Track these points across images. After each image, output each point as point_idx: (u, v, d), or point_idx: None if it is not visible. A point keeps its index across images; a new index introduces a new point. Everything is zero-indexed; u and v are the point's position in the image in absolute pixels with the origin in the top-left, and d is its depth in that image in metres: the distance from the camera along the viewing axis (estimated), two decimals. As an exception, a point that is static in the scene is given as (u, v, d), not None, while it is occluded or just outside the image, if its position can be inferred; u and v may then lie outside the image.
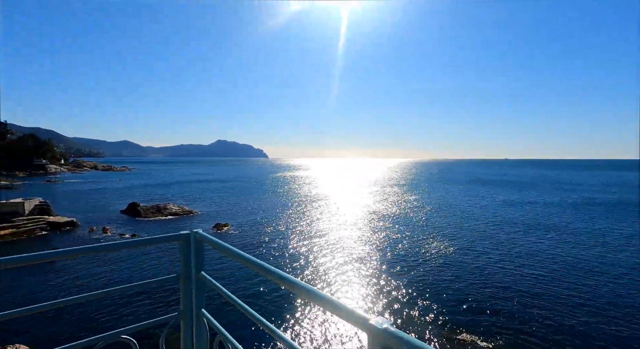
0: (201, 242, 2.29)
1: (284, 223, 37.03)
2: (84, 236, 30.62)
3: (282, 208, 48.37)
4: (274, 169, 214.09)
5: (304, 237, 30.23)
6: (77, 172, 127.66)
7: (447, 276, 20.66)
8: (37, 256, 1.77)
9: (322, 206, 50.16)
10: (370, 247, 27.14)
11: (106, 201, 53.68)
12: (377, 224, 36.74)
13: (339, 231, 32.87)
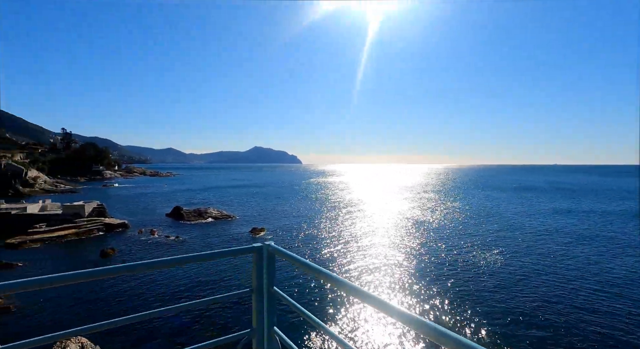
0: (273, 255, 2.21)
1: (318, 228, 37.27)
2: (133, 237, 33.10)
3: (316, 213, 48.74)
4: (308, 175, 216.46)
5: (338, 243, 30.18)
6: (129, 177, 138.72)
7: (490, 286, 19.47)
8: (109, 270, 1.72)
9: (356, 212, 49.77)
10: (408, 254, 26.40)
11: (153, 205, 57.71)
12: (413, 230, 35.67)
13: (374, 237, 32.38)
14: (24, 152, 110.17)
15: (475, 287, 19.54)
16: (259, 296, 2.24)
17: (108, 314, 16.17)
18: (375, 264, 24.20)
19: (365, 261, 24.86)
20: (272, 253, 2.20)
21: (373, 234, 34.35)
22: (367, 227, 37.81)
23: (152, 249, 28.46)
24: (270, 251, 2.20)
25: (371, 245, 29.68)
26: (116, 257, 26.06)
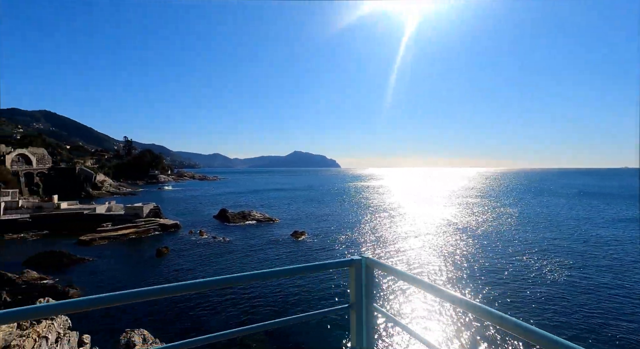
0: (372, 268, 2.10)
1: (358, 232, 36.86)
2: (184, 237, 35.40)
3: (355, 217, 48.31)
4: (346, 178, 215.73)
5: (381, 248, 29.57)
6: (180, 181, 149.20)
7: (552, 300, 17.71)
8: (208, 282, 1.69)
9: (397, 216, 48.43)
10: (455, 262, 25.01)
11: (202, 207, 61.37)
12: (461, 235, 33.73)
13: (418, 243, 31.19)
14: (93, 158, 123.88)
15: (537, 301, 17.90)
16: (358, 313, 2.10)
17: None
18: (423, 271, 23.27)
19: (404, 266, 24.02)
20: (371, 266, 2.10)
21: (416, 239, 33.11)
22: (410, 232, 36.54)
23: (201, 249, 30.19)
24: (368, 264, 2.10)
25: (415, 250, 28.62)
26: (170, 256, 28.05)
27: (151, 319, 16.04)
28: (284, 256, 27.79)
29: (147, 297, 1.58)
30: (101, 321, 15.43)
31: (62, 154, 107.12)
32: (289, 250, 29.68)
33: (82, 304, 1.38)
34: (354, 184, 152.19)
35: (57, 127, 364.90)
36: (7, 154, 70.98)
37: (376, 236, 35.66)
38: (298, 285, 20.49)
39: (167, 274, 23.12)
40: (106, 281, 21.72)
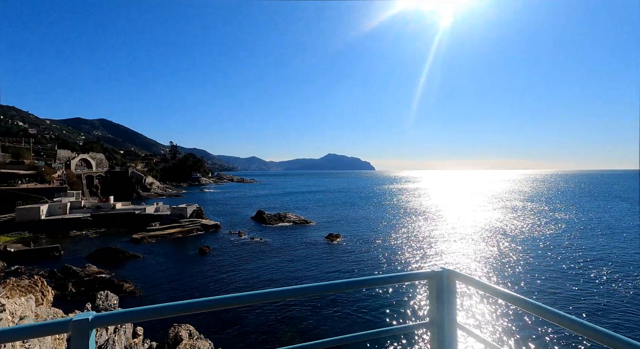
0: (454, 281, 1.94)
1: (395, 236, 35.98)
2: (224, 237, 36.92)
3: (392, 220, 47.22)
4: (381, 181, 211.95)
5: (418, 252, 28.59)
6: (220, 183, 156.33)
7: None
8: (269, 293, 1.57)
9: (438, 220, 46.53)
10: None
11: (240, 208, 63.72)
12: (505, 243, 31.59)
13: (458, 249, 29.71)
14: (143, 162, 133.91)
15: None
16: (440, 331, 1.93)
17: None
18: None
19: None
20: (452, 279, 1.93)
21: (456, 246, 31.56)
22: (448, 239, 34.93)
23: (240, 249, 31.30)
24: (449, 276, 1.93)
25: (453, 257, 27.29)
26: (211, 254, 29.40)
27: (196, 315, 16.86)
28: (320, 258, 27.90)
29: (221, 306, 1.55)
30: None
31: (116, 158, 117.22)
32: (324, 253, 29.75)
33: (165, 311, 1.44)
34: (389, 186, 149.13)
35: (113, 134, 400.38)
36: (72, 159, 79.17)
37: (416, 241, 34.57)
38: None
39: (209, 273, 24.24)
40: (156, 276, 23.29)
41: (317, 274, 23.59)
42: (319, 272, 24.02)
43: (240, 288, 20.82)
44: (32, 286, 8.50)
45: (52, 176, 59.68)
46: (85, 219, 40.67)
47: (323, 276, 22.99)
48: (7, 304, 5.49)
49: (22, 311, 5.86)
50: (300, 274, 23.64)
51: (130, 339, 9.14)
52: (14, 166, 59.07)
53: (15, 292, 7.55)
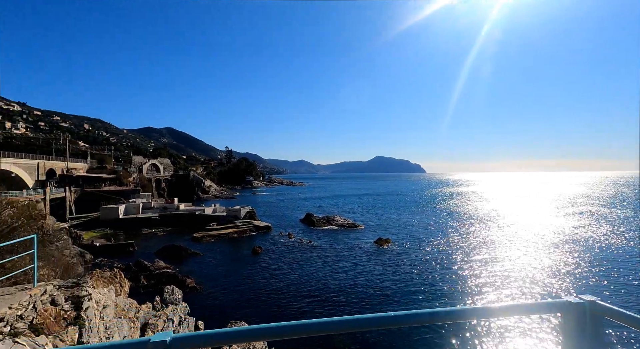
0: (600, 316, 1.38)
1: (449, 242, 33.88)
2: (275, 238, 38.13)
3: (447, 225, 44.60)
4: (432, 184, 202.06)
5: (475, 261, 26.49)
6: (270, 186, 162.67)
7: None
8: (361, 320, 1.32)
9: (496, 227, 42.77)
10: (566, 283, 20.68)
11: (289, 210, 65.48)
12: (576, 254, 27.79)
13: (519, 257, 26.89)
14: (202, 166, 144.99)
15: None
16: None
17: None
18: (514, 287, 19.95)
19: (500, 284, 20.82)
20: (599, 314, 1.37)
21: (517, 254, 28.61)
22: (508, 246, 31.82)
23: (290, 250, 32.05)
24: (595, 310, 1.37)
25: (513, 266, 24.73)
26: (263, 254, 30.53)
27: (255, 313, 17.60)
28: (369, 263, 27.33)
29: (305, 333, 1.34)
30: (214, 310, 17.67)
31: (180, 163, 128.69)
32: (374, 257, 29.11)
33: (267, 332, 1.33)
34: (441, 189, 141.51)
35: (177, 141, 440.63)
36: (144, 164, 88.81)
37: (477, 250, 32.18)
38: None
39: (262, 271, 25.20)
40: (213, 273, 24.87)
41: (368, 279, 23.11)
42: (370, 278, 23.51)
43: (290, 288, 21.26)
44: (113, 277, 9.56)
45: (128, 179, 67.49)
46: (154, 218, 45.13)
47: (374, 283, 22.44)
48: (93, 293, 6.23)
49: (105, 301, 6.61)
50: (350, 279, 23.37)
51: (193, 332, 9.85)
52: (99, 171, 68.06)
53: (100, 283, 8.55)
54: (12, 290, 5.30)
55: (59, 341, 4.75)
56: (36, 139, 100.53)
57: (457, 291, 20.68)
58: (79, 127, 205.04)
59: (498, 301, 19.08)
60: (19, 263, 7.86)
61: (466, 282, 22.21)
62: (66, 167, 61.43)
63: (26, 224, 12.07)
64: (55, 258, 12.53)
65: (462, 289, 20.86)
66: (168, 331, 1.36)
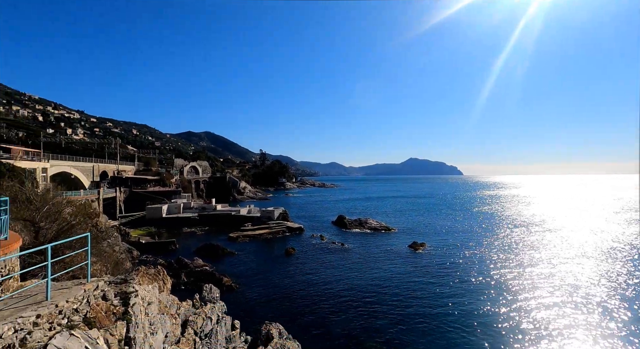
0: None
1: (490, 249, 31.91)
2: (307, 240, 38.29)
3: (486, 231, 42.11)
4: (470, 187, 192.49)
5: (519, 271, 24.65)
6: (302, 188, 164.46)
7: None
8: None
9: (542, 233, 39.60)
10: (609, 293, 18.45)
11: (321, 212, 65.61)
12: (630, 264, 24.77)
13: (565, 266, 24.54)
14: (238, 168, 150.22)
15: None
16: None
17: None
18: (557, 297, 18.13)
19: (541, 294, 19.05)
20: None
21: (562, 263, 26.16)
22: (553, 253, 29.23)
23: (323, 252, 32.01)
24: None
25: (557, 276, 22.60)
26: (296, 256, 30.78)
27: (285, 314, 17.73)
28: (404, 268, 26.51)
29: None
30: (249, 310, 18.07)
31: (217, 165, 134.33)
32: (408, 262, 28.19)
33: None
34: (480, 192, 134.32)
35: (214, 144, 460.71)
36: (184, 166, 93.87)
37: (521, 259, 30.07)
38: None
39: (295, 273, 25.38)
40: (248, 273, 25.48)
41: (402, 284, 22.39)
42: (404, 283, 22.76)
43: (323, 291, 21.17)
44: (157, 274, 10.06)
45: (170, 181, 71.65)
46: (194, 218, 47.38)
47: (408, 287, 21.68)
48: (139, 290, 6.56)
49: (150, 297, 6.93)
50: (384, 283, 22.78)
51: (230, 331, 10.07)
52: (145, 172, 72.95)
53: (145, 279, 9.04)
54: (69, 284, 5.71)
55: (109, 335, 5.02)
56: (92, 143, 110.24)
57: (497, 305, 19.35)
58: (128, 132, 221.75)
59: (552, 324, 17.60)
60: (76, 258, 8.53)
61: (509, 296, 20.72)
62: (117, 170, 66.59)
63: (83, 222, 13.12)
64: (106, 254, 13.51)
65: (504, 304, 19.49)
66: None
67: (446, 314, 17.53)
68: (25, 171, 30.54)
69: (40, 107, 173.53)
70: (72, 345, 4.19)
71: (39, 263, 6.91)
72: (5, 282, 5.19)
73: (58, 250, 8.42)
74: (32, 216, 10.58)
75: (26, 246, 7.87)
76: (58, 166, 48.24)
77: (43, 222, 10.66)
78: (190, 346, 7.90)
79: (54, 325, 4.46)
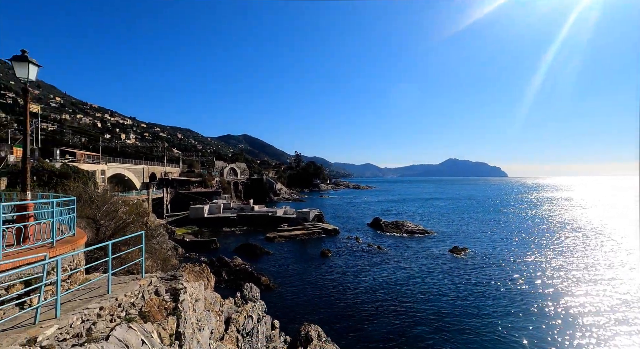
0: None
1: (538, 256, 29.45)
2: (343, 241, 38.05)
3: (535, 236, 38.97)
4: (515, 188, 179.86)
5: (571, 282, 22.41)
6: (337, 189, 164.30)
7: None
8: None
9: (598, 240, 35.70)
10: None
11: (356, 214, 64.96)
12: None
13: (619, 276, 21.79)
14: (274, 170, 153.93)
15: None
16: None
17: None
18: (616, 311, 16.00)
19: (598, 308, 16.94)
20: None
21: (618, 273, 23.24)
22: (611, 262, 26.09)
23: (359, 255, 31.62)
24: None
25: (612, 287, 20.07)
26: (332, 258, 30.71)
27: (323, 317, 17.73)
28: (445, 274, 25.31)
29: None
30: (287, 310, 18.32)
31: (254, 167, 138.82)
32: (449, 268, 26.89)
33: None
34: (527, 195, 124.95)
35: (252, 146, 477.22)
36: (224, 168, 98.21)
37: (575, 268, 27.47)
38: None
39: (331, 274, 25.33)
40: (285, 273, 25.88)
41: (443, 291, 21.38)
42: (445, 289, 21.72)
43: (360, 294, 20.86)
44: (201, 272, 10.52)
45: (211, 182, 75.28)
46: (233, 218, 49.26)
47: (449, 294, 20.65)
48: (187, 286, 6.87)
49: (196, 294, 7.24)
50: (423, 288, 21.92)
51: (270, 330, 10.25)
52: (189, 174, 77.38)
53: (191, 276, 9.48)
54: (126, 279, 6.12)
55: (162, 329, 5.29)
56: (142, 147, 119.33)
57: (547, 320, 17.73)
58: (174, 136, 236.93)
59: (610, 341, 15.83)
60: (131, 254, 9.18)
61: (561, 310, 18.91)
62: (164, 172, 71.36)
63: (136, 220, 14.13)
64: (156, 251, 14.42)
65: (554, 318, 17.81)
66: None
67: (492, 324, 16.41)
68: (87, 173, 33.70)
69: (99, 115, 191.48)
70: (130, 337, 4.46)
71: (99, 258, 7.50)
72: (73, 275, 5.69)
73: (115, 246, 9.12)
74: (94, 214, 11.60)
75: (89, 242, 8.61)
76: (114, 168, 52.73)
77: (103, 220, 11.65)
78: (233, 343, 8.13)
79: (114, 317, 4.79)
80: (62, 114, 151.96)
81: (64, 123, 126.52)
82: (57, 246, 5.34)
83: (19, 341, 3.52)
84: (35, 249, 5.02)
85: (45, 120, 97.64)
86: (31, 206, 5.88)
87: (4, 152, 31.80)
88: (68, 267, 5.56)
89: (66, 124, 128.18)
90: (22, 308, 4.33)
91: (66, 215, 6.17)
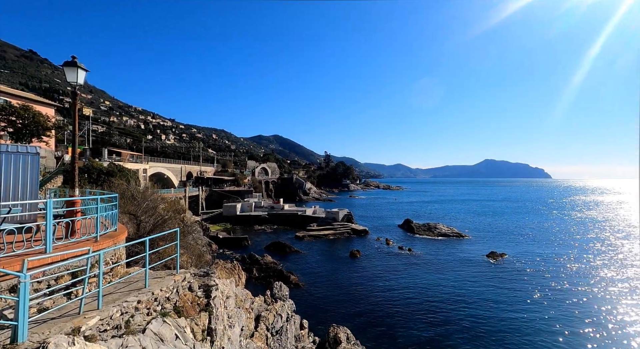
0: None
1: (583, 263, 26.98)
2: (372, 243, 37.42)
3: (576, 242, 35.82)
4: (559, 191, 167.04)
5: (612, 292, 20.19)
6: (367, 190, 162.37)
7: None
8: None
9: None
10: None
11: (386, 215, 63.69)
12: None
13: None
14: (304, 170, 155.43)
15: None
16: None
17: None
18: None
19: None
20: None
21: None
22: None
23: (389, 258, 30.91)
24: None
25: None
26: (361, 259, 30.29)
27: (355, 319, 17.50)
28: (482, 281, 23.98)
29: None
30: (315, 310, 18.31)
31: (284, 167, 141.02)
32: (486, 275, 25.44)
33: None
34: (573, 198, 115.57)
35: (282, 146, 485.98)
36: (256, 168, 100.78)
37: (622, 277, 24.91)
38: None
39: (361, 276, 24.97)
40: (314, 272, 25.91)
41: (480, 299, 20.25)
42: (482, 297, 20.56)
43: (390, 298, 20.34)
44: (233, 269, 10.75)
45: (243, 181, 77.56)
46: (264, 216, 50.34)
47: (487, 303, 19.50)
48: (219, 283, 7.01)
49: (227, 291, 7.38)
50: (458, 294, 20.90)
51: (299, 329, 10.25)
52: (222, 173, 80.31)
53: (223, 273, 9.71)
54: (162, 274, 6.35)
55: (194, 325, 5.41)
56: (180, 147, 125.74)
57: (592, 334, 16.11)
58: (209, 137, 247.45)
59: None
60: (168, 250, 9.57)
61: (608, 321, 17.11)
62: (200, 171, 74.63)
63: (173, 217, 14.78)
64: (191, 247, 15.00)
65: (602, 335, 16.14)
66: None
67: (531, 337, 15.23)
68: (130, 172, 36.05)
69: (142, 117, 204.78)
70: (164, 331, 4.59)
71: (139, 252, 7.87)
72: (115, 268, 6.00)
73: (153, 242, 9.56)
74: (135, 210, 12.29)
75: (131, 237, 9.10)
76: (155, 167, 55.97)
77: (143, 215, 12.30)
78: (263, 341, 8.20)
79: (151, 311, 4.96)
80: (110, 116, 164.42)
81: (111, 125, 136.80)
82: (100, 240, 5.65)
83: (64, 330, 3.73)
84: (81, 243, 5.35)
85: (96, 122, 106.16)
86: (79, 202, 6.28)
87: (61, 151, 34.86)
88: (110, 260, 5.87)
89: (114, 125, 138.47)
90: (69, 298, 4.61)
91: (109, 211, 6.53)
